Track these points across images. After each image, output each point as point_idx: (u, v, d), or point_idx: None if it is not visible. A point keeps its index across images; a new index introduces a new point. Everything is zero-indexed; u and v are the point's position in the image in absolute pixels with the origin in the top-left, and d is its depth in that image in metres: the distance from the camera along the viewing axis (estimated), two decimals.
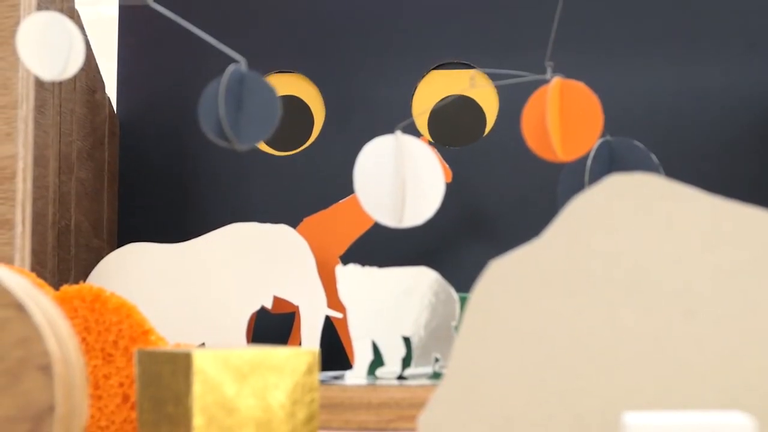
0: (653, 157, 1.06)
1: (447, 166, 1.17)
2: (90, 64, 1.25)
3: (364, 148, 0.98)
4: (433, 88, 1.26)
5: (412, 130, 1.24)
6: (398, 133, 0.98)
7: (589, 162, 1.04)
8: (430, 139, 1.23)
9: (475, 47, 1.25)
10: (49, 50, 0.91)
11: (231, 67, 0.94)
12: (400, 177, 0.97)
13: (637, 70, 1.23)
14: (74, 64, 0.92)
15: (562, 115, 0.96)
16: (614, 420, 0.63)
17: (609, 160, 1.05)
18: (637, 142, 1.06)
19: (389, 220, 0.97)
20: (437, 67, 1.27)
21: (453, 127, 1.25)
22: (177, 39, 1.31)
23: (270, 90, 0.93)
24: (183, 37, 1.31)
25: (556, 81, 0.96)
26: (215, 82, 0.94)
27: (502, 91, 1.25)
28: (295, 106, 1.28)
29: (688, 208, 0.64)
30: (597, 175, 1.05)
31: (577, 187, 1.06)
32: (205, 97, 0.93)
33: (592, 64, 1.22)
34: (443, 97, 1.25)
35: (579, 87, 0.96)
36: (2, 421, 0.60)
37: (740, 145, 1.22)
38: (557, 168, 1.22)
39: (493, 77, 1.22)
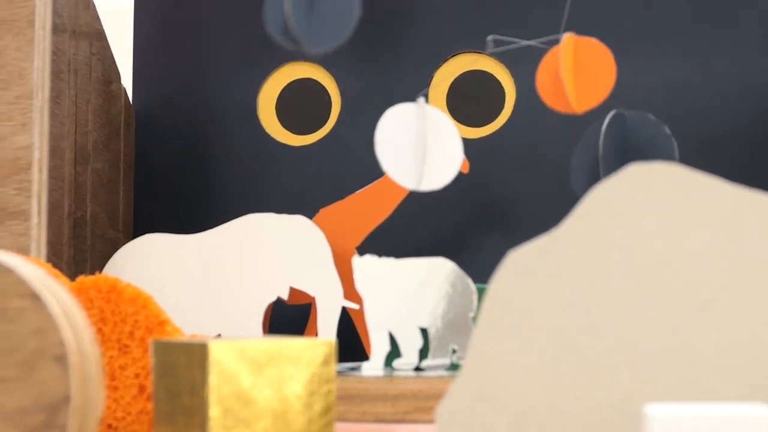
0: (666, 129, 1.06)
1: (464, 156, 1.16)
2: (105, 54, 1.24)
3: (385, 113, 0.98)
4: (450, 78, 1.26)
5: None
6: (420, 101, 0.98)
7: (602, 135, 1.05)
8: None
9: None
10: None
11: None
12: (421, 141, 0.97)
13: (654, 60, 1.22)
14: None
15: (576, 68, 0.97)
16: (633, 411, 0.62)
17: (622, 134, 1.06)
18: (650, 115, 1.07)
19: (408, 183, 0.98)
20: (453, 57, 1.26)
21: (472, 105, 1.24)
22: (192, 29, 1.31)
23: None
24: (199, 28, 1.31)
25: (569, 36, 0.97)
26: None
27: (519, 83, 1.24)
28: (312, 90, 1.28)
29: (709, 198, 0.63)
30: (610, 148, 1.05)
31: (591, 160, 1.06)
32: None
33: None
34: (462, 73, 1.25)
35: (591, 41, 0.98)
36: (17, 411, 0.59)
37: (760, 134, 1.21)
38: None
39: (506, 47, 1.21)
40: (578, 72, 0.97)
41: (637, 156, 1.07)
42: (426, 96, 1.00)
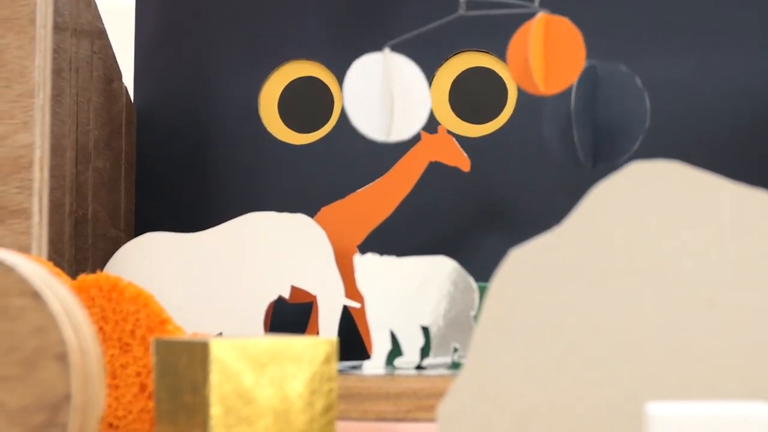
0: (638, 80, 1.06)
1: (465, 155, 1.16)
2: (107, 53, 1.24)
3: (353, 64, 1.00)
4: (452, 76, 1.25)
5: (431, 121, 1.23)
6: (386, 51, 0.99)
7: (573, 87, 1.06)
8: (449, 129, 1.23)
9: (495, 36, 1.25)
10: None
11: None
12: (388, 93, 0.99)
13: (654, 59, 1.22)
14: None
15: (546, 50, 0.98)
16: (636, 410, 0.62)
17: (594, 84, 1.07)
18: (622, 67, 1.07)
19: (377, 135, 0.99)
20: (455, 55, 1.26)
21: (475, 102, 1.24)
22: (194, 28, 1.31)
23: None
24: (200, 26, 1.31)
25: (541, 16, 0.98)
26: None
27: None
28: (315, 88, 1.27)
29: (711, 196, 0.63)
30: (582, 100, 1.06)
31: (563, 113, 1.07)
32: None
33: (610, 51, 1.21)
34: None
35: (563, 22, 0.98)
36: (19, 410, 0.59)
37: (761, 134, 1.21)
38: None
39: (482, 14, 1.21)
40: (548, 54, 0.98)
41: (608, 108, 1.08)
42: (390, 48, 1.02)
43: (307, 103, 1.27)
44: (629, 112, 1.08)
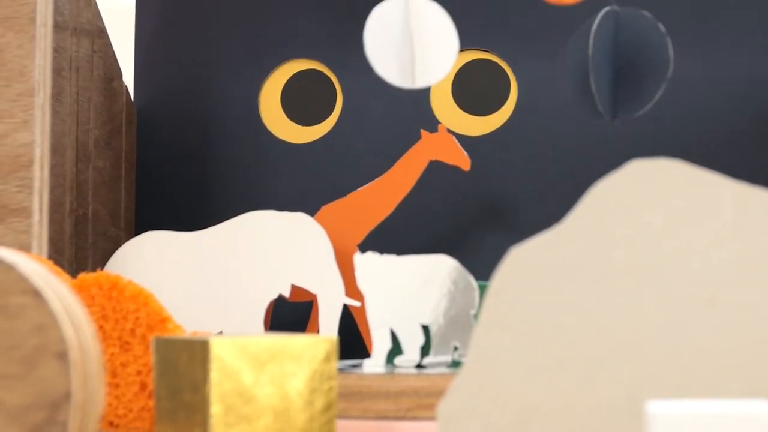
0: (660, 26, 1.04)
1: (466, 154, 1.16)
2: (107, 52, 1.24)
3: (373, 10, 0.97)
4: (453, 72, 1.25)
5: (431, 119, 1.23)
6: None
7: (592, 34, 1.02)
8: (450, 125, 1.22)
9: (496, 35, 1.25)
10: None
11: None
12: (411, 38, 0.96)
13: None
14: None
15: None
16: (636, 409, 0.62)
17: (615, 30, 1.04)
18: (644, 12, 1.04)
19: (400, 81, 0.97)
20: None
21: (478, 91, 1.24)
22: (194, 27, 1.31)
23: None
24: (200, 25, 1.31)
25: None
26: None
27: (521, 81, 1.24)
28: (316, 82, 1.27)
29: (712, 195, 0.63)
30: (602, 44, 1.03)
31: (582, 56, 1.03)
32: None
33: None
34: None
35: None
36: (19, 408, 0.59)
37: (763, 133, 1.21)
38: (577, 156, 1.21)
39: None
40: None
41: (628, 55, 1.04)
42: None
43: (309, 96, 1.27)
44: (651, 59, 1.04)
